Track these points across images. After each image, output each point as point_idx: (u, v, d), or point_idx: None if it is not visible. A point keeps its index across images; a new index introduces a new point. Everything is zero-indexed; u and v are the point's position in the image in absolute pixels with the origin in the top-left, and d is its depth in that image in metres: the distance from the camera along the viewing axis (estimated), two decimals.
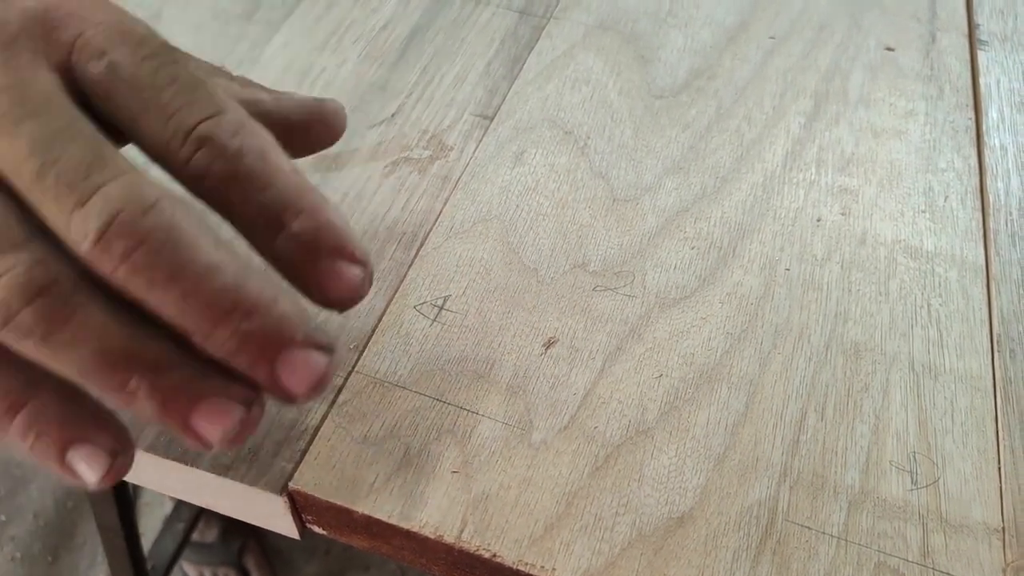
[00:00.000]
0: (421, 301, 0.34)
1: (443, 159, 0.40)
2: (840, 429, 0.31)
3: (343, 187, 0.38)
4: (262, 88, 0.31)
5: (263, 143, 0.23)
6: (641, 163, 0.40)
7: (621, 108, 0.43)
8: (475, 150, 0.40)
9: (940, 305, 0.35)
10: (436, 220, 0.37)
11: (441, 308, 0.34)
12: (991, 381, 0.33)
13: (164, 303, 0.20)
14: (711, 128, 0.42)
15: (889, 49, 0.47)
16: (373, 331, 0.33)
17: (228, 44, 0.45)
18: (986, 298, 0.36)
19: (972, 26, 0.50)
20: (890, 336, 0.34)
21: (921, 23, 0.50)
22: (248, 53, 0.44)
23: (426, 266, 0.35)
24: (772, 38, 0.47)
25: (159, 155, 0.23)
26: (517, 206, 0.38)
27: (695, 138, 0.42)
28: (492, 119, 0.42)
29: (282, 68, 0.44)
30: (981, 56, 0.48)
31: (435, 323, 0.33)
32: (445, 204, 0.38)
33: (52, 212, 0.21)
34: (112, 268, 0.20)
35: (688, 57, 0.46)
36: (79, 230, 0.20)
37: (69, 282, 0.20)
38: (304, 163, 0.39)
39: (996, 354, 0.34)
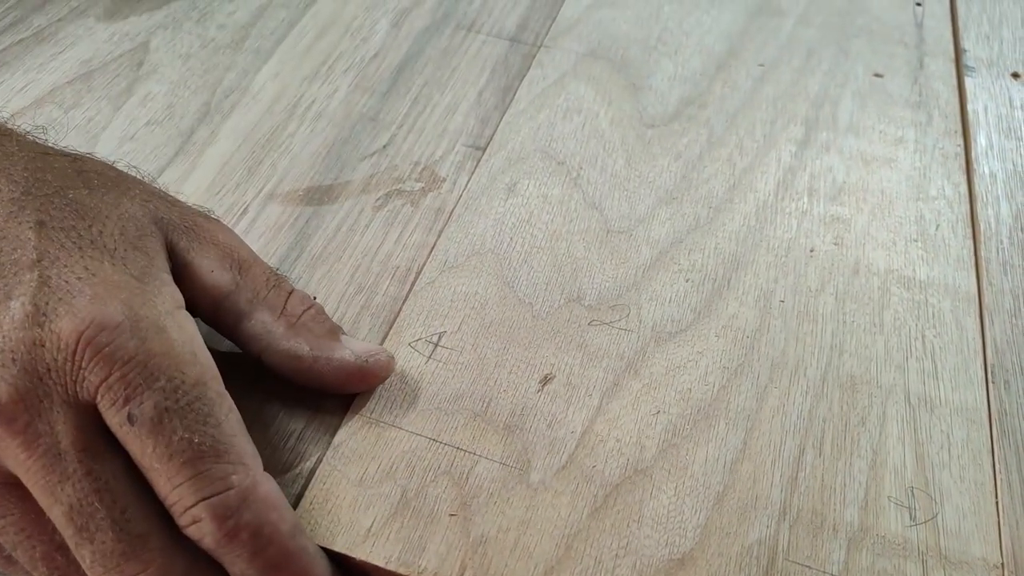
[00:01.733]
0: (416, 338, 0.34)
1: (436, 191, 0.40)
2: (838, 465, 0.31)
3: (336, 220, 0.38)
4: (311, 330, 0.30)
5: (261, 520, 0.25)
6: (634, 193, 0.40)
7: (613, 137, 0.43)
8: (468, 182, 0.40)
9: (934, 336, 0.35)
10: (429, 254, 0.37)
11: (436, 345, 0.34)
12: (986, 413, 0.33)
13: None
14: (703, 157, 0.42)
15: (877, 75, 0.48)
16: None
17: (218, 74, 0.45)
18: (979, 328, 0.36)
19: (959, 51, 0.50)
20: (885, 368, 0.34)
21: (908, 48, 0.50)
22: (237, 82, 0.44)
23: (420, 302, 0.35)
24: (761, 65, 0.48)
25: (163, 501, 0.25)
26: (511, 239, 0.38)
27: (687, 167, 0.42)
28: (484, 150, 0.42)
29: (272, 98, 0.43)
30: (968, 82, 0.48)
31: (431, 360, 0.33)
32: (439, 237, 0.38)
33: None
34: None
35: (679, 85, 0.46)
36: None
37: None
38: (296, 196, 0.39)
39: (991, 385, 0.34)
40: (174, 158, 0.40)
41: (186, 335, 0.26)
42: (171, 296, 0.27)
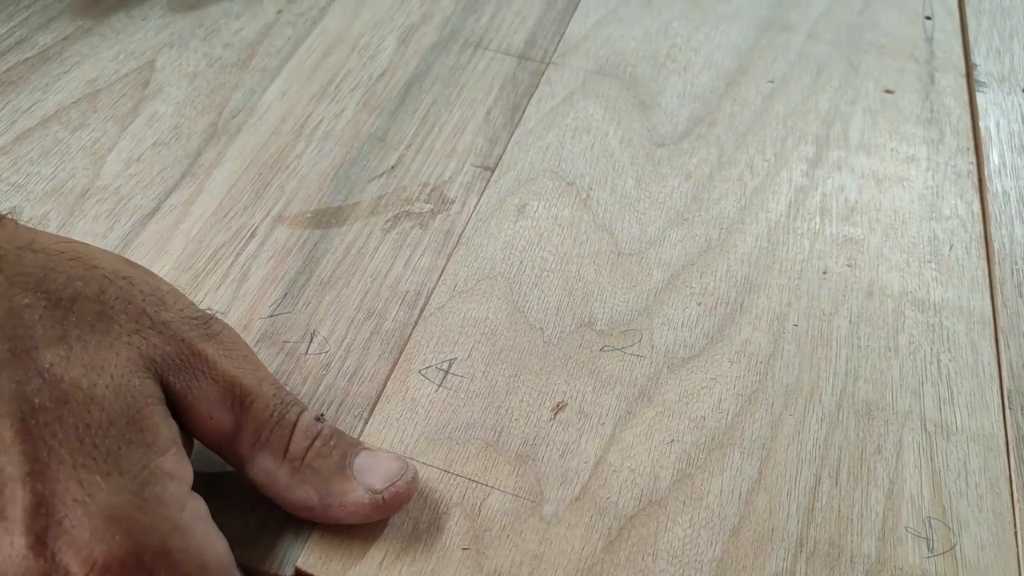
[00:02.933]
0: (426, 365, 0.33)
1: (445, 212, 0.39)
2: (855, 495, 0.31)
3: (344, 243, 0.38)
4: (318, 472, 0.28)
5: None
6: (645, 214, 0.40)
7: (623, 157, 0.42)
8: (476, 203, 0.40)
9: (949, 361, 0.35)
10: (439, 278, 0.37)
11: (447, 372, 0.33)
12: (1003, 440, 0.33)
13: None
14: (713, 177, 0.42)
15: (888, 92, 0.47)
16: (378, 398, 0.32)
17: (224, 93, 0.44)
18: (995, 352, 0.36)
19: (970, 66, 0.50)
20: (901, 394, 0.34)
21: (919, 64, 0.50)
22: (244, 102, 0.44)
23: (430, 327, 0.35)
24: (771, 82, 0.47)
25: None
26: (521, 262, 0.37)
27: (698, 187, 0.41)
28: (493, 170, 0.41)
29: (280, 118, 0.43)
30: (980, 98, 0.48)
31: (441, 388, 0.33)
32: (448, 260, 0.37)
33: None
34: None
35: (688, 103, 0.46)
36: None
37: None
38: (305, 219, 0.38)
39: (1008, 411, 0.34)
40: (181, 180, 0.40)
41: (193, 546, 0.24)
42: (174, 494, 0.24)
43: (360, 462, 0.28)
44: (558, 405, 0.33)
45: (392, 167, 0.41)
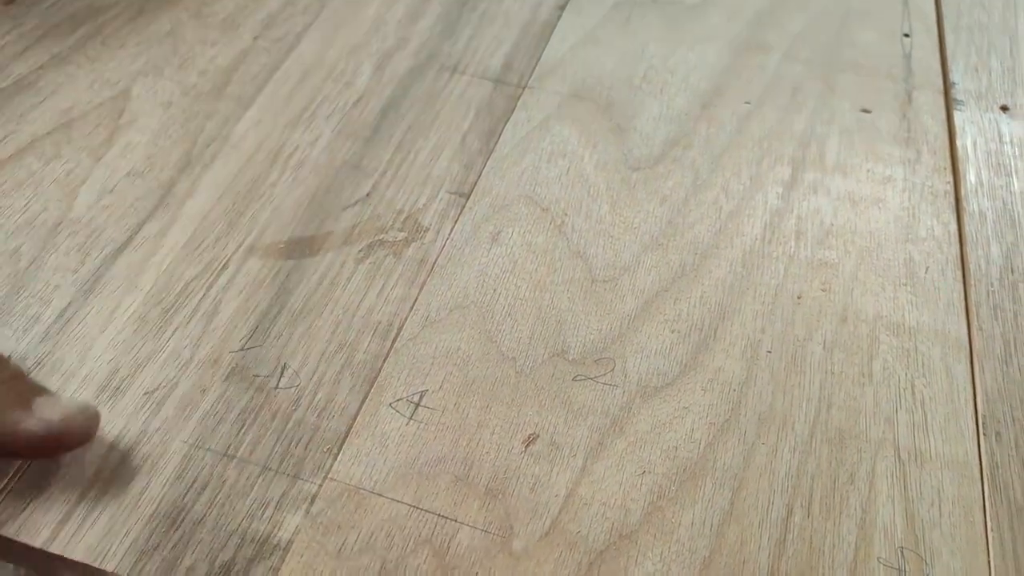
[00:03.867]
0: (397, 398, 0.33)
1: (419, 241, 0.39)
2: (827, 525, 0.30)
3: (317, 274, 0.37)
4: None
5: None
6: (619, 240, 0.40)
7: (598, 182, 0.42)
8: (451, 231, 0.40)
9: (924, 386, 0.35)
10: (412, 308, 0.36)
11: (418, 405, 0.33)
12: (977, 467, 0.33)
13: None
14: (688, 201, 0.42)
15: (865, 111, 0.47)
16: (347, 432, 0.32)
17: (198, 122, 0.44)
18: (970, 376, 0.36)
19: (947, 84, 0.50)
20: (874, 421, 0.34)
21: (896, 82, 0.50)
22: (219, 131, 0.44)
23: (402, 359, 0.35)
24: (747, 103, 0.47)
25: None
26: (495, 290, 0.37)
27: (673, 212, 0.41)
28: (468, 196, 0.41)
29: (254, 146, 0.43)
30: (957, 116, 0.48)
31: (411, 421, 0.33)
32: (421, 290, 0.37)
33: None
34: None
35: (664, 125, 0.46)
36: None
37: None
38: (277, 249, 0.38)
39: (982, 437, 0.34)
40: (154, 212, 0.39)
41: None
42: None
43: (43, 400, 0.29)
44: (529, 437, 0.32)
45: (367, 195, 0.41)
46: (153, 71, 0.47)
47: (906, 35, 0.53)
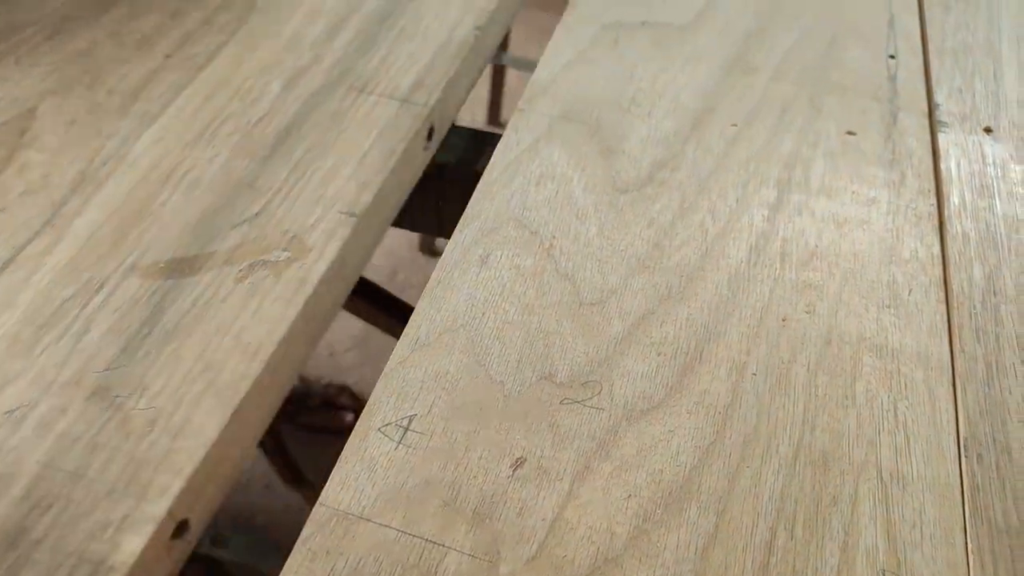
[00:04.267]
0: (386, 422, 0.34)
1: (301, 261, 0.39)
2: (810, 548, 0.31)
3: (194, 294, 0.37)
4: None
5: None
6: (606, 263, 0.40)
7: (586, 205, 0.43)
8: (338, 249, 0.39)
9: (906, 408, 0.35)
10: (288, 328, 0.37)
11: (407, 429, 0.33)
12: (959, 489, 0.33)
13: None
14: (675, 223, 0.42)
15: (850, 133, 0.48)
16: (336, 457, 0.32)
17: (100, 140, 0.44)
18: (952, 398, 0.36)
19: (932, 106, 0.51)
20: (857, 443, 0.34)
21: (882, 103, 0.50)
22: (117, 149, 0.43)
23: (391, 383, 0.35)
24: (734, 125, 0.48)
25: None
26: (483, 313, 0.38)
27: (660, 234, 0.42)
28: (358, 217, 0.41)
29: (151, 165, 0.43)
30: (941, 138, 0.48)
31: (400, 446, 0.33)
32: (301, 308, 0.37)
33: None
34: None
35: (652, 147, 0.46)
36: None
37: None
38: (157, 268, 0.38)
39: (963, 459, 0.34)
40: (41, 231, 0.39)
41: None
42: None
43: None
44: (517, 461, 0.33)
45: (256, 214, 0.41)
46: (63, 89, 0.46)
47: (892, 56, 0.54)
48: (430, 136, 0.48)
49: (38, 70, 0.48)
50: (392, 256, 1.67)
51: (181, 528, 0.31)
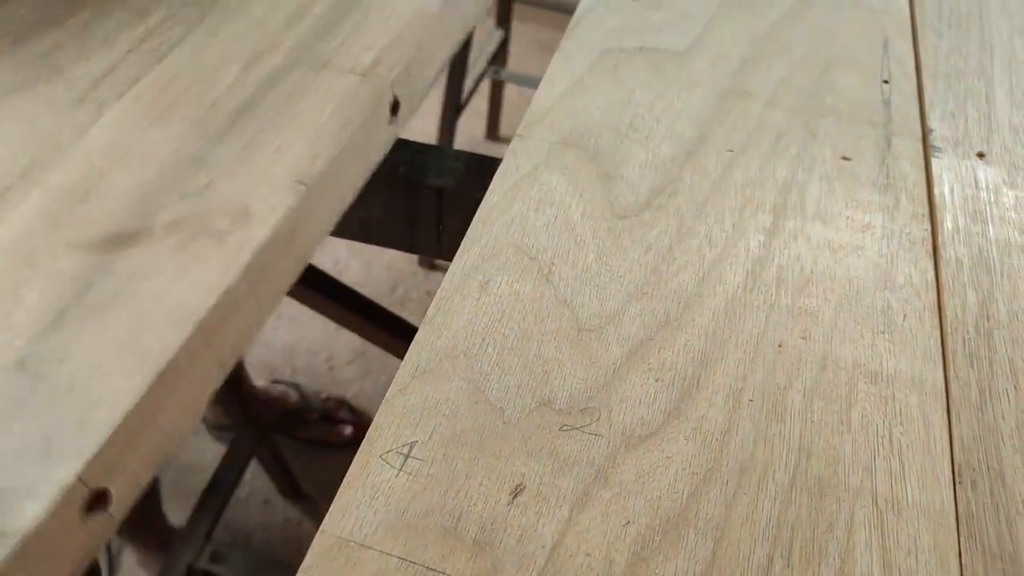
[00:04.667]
0: (387, 449, 0.34)
1: (243, 230, 0.39)
2: (806, 575, 0.31)
3: (130, 267, 0.37)
4: None
5: None
6: (605, 289, 0.41)
7: (585, 230, 0.43)
8: (283, 216, 0.39)
9: (901, 434, 0.36)
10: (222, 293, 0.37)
11: (408, 456, 0.34)
12: (954, 515, 0.34)
13: None
14: (673, 249, 0.43)
15: (845, 159, 0.49)
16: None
17: (55, 131, 0.43)
18: (946, 424, 0.37)
19: (926, 131, 0.51)
20: (853, 470, 0.35)
21: (876, 128, 0.51)
22: (69, 138, 0.43)
23: (393, 409, 0.35)
24: (730, 151, 0.49)
25: None
26: (483, 340, 0.38)
27: (658, 259, 0.42)
28: (308, 185, 0.41)
29: (101, 149, 0.42)
30: (935, 163, 0.49)
31: (401, 473, 0.33)
32: (239, 275, 0.37)
33: None
34: None
35: (650, 173, 0.47)
36: None
37: None
38: (95, 243, 0.38)
39: (958, 485, 0.34)
40: None
41: None
42: None
43: None
44: (516, 488, 0.33)
45: (204, 188, 0.41)
46: (25, 87, 0.46)
47: (885, 81, 0.55)
48: (395, 111, 0.48)
49: (2, 71, 0.48)
50: (392, 270, 1.68)
51: (99, 499, 0.30)
